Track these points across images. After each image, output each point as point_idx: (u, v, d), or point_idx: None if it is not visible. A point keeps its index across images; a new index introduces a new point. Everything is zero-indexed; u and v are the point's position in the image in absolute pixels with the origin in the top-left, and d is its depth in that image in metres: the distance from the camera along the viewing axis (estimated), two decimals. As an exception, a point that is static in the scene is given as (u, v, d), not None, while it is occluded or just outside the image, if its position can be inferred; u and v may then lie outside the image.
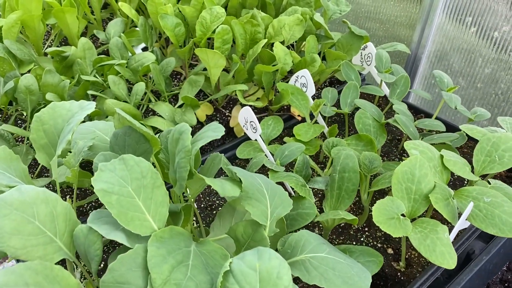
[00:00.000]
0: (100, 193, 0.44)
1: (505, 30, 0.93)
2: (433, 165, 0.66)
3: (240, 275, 0.41)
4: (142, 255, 0.44)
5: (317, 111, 0.87)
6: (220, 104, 1.03)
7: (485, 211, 0.63)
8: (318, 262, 0.53)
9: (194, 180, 0.52)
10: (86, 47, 0.97)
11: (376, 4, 1.19)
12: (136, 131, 0.57)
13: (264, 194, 0.54)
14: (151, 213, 0.47)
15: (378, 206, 0.60)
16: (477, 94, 1.04)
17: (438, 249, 0.57)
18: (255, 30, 0.98)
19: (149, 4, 1.01)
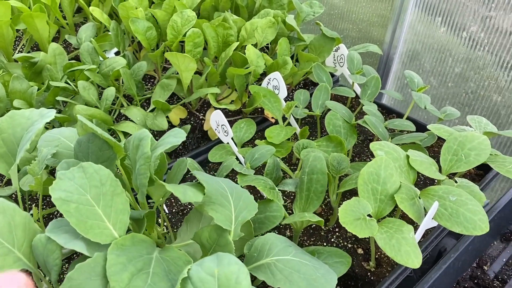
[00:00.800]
0: (57, 202, 0.44)
1: (473, 30, 0.95)
2: (398, 165, 0.66)
3: (198, 282, 0.41)
4: (102, 263, 0.44)
5: (288, 113, 0.87)
6: (194, 108, 1.03)
7: (450, 209, 0.64)
8: (283, 265, 0.53)
9: (155, 187, 0.52)
10: (56, 53, 0.96)
11: (349, 6, 1.20)
12: (99, 137, 0.56)
13: (228, 199, 0.54)
14: (111, 221, 0.47)
15: (344, 207, 0.61)
16: (448, 93, 1.05)
17: (403, 248, 0.58)
18: (227, 33, 0.98)
19: (120, 9, 1.00)
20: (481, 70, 0.97)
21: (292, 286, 0.51)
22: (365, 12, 1.18)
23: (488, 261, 0.81)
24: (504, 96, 0.94)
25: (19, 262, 0.46)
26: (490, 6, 0.90)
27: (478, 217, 0.62)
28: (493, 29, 0.91)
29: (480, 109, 1.00)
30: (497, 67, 0.93)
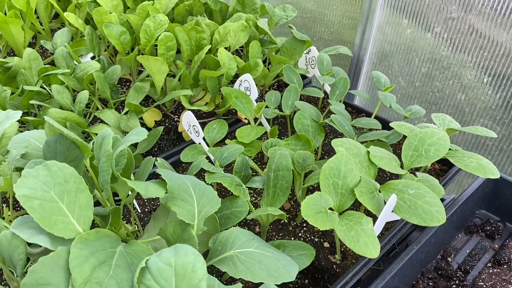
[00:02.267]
0: (22, 199, 0.46)
1: (437, 31, 0.98)
2: (359, 161, 0.69)
3: (156, 271, 0.43)
4: (65, 257, 0.45)
5: (259, 113, 0.89)
6: (168, 110, 1.05)
7: (409, 202, 0.67)
8: (245, 256, 0.56)
9: (119, 184, 0.54)
10: (32, 57, 0.98)
11: (321, 9, 1.23)
12: (66, 138, 0.58)
13: (191, 194, 0.56)
14: (75, 217, 0.49)
15: (307, 201, 0.63)
16: (415, 92, 1.09)
17: (362, 239, 0.61)
18: (200, 36, 1.00)
19: (94, 14, 1.02)
20: (445, 69, 1.00)
21: (253, 276, 0.53)
22: (336, 14, 1.21)
23: (452, 253, 0.84)
24: (467, 94, 0.98)
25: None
26: (452, 8, 0.94)
27: (435, 209, 0.65)
28: (455, 30, 0.95)
29: (446, 107, 1.04)
30: (460, 67, 0.97)
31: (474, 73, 0.95)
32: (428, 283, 0.77)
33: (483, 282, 0.73)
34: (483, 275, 0.75)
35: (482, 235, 0.88)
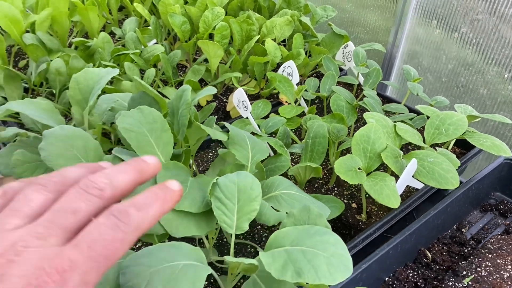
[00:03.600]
0: (122, 130, 0.60)
1: (463, 31, 1.09)
2: (386, 131, 0.81)
3: (224, 186, 0.56)
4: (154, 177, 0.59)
5: (299, 95, 1.02)
6: (219, 92, 1.19)
7: (427, 168, 0.78)
8: (288, 196, 0.68)
9: (193, 129, 0.68)
10: (105, 40, 1.14)
11: (359, 10, 1.35)
12: (148, 95, 0.73)
13: (247, 143, 0.69)
14: (159, 149, 0.62)
15: (339, 161, 0.76)
16: (442, 87, 1.19)
17: (385, 192, 0.72)
18: (250, 28, 1.14)
19: (160, 5, 1.18)
20: (470, 66, 1.11)
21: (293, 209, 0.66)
22: (372, 15, 1.33)
23: (467, 226, 0.94)
24: (489, 89, 1.08)
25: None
26: (477, 10, 1.04)
27: (450, 175, 0.76)
28: (480, 30, 1.06)
29: (469, 100, 1.14)
30: (483, 64, 1.07)
31: (495, 69, 1.05)
32: (443, 247, 0.87)
33: (491, 245, 0.83)
34: (491, 240, 0.85)
35: (496, 213, 0.97)
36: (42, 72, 0.99)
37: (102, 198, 0.34)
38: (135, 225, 0.33)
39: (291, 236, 0.53)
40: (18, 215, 0.32)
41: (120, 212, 0.32)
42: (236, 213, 0.56)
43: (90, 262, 0.30)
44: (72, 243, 0.30)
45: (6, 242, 0.29)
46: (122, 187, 0.35)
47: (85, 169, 0.37)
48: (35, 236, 0.30)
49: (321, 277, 0.47)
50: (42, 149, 0.57)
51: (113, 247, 0.31)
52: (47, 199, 0.33)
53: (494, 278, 0.75)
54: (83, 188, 0.33)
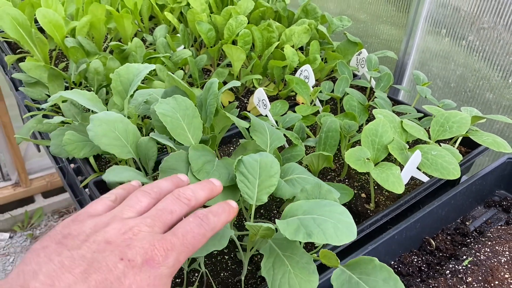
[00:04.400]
0: (159, 115, 0.69)
1: (470, 39, 1.16)
2: (393, 126, 0.88)
3: (247, 163, 0.65)
4: (185, 154, 0.67)
5: (315, 96, 1.11)
6: (240, 93, 1.29)
7: (431, 160, 0.85)
8: (302, 180, 0.76)
9: (219, 117, 0.77)
10: (138, 45, 1.25)
11: (372, 20, 1.43)
12: (180, 89, 0.82)
13: (266, 131, 0.78)
14: (190, 133, 0.71)
15: (350, 151, 0.83)
16: (451, 92, 1.26)
17: (390, 180, 0.79)
18: (270, 35, 1.24)
19: (188, 14, 1.29)
20: (476, 72, 1.17)
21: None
22: (385, 26, 1.41)
23: (471, 219, 1.00)
24: (495, 93, 1.14)
25: (129, 154, 0.71)
26: (483, 20, 1.11)
27: (452, 166, 0.83)
28: (486, 38, 1.13)
29: (476, 104, 1.20)
30: (489, 69, 1.14)
31: (501, 74, 1.12)
32: (447, 237, 0.94)
33: (491, 234, 0.89)
34: (492, 229, 0.91)
35: (499, 209, 1.03)
36: (82, 71, 1.10)
37: (189, 205, 0.49)
38: (213, 226, 0.48)
39: (304, 207, 0.61)
40: (132, 210, 0.46)
41: (203, 215, 0.47)
42: (257, 187, 0.64)
43: (183, 246, 0.44)
44: (171, 232, 0.44)
45: (126, 225, 0.43)
46: (201, 199, 0.51)
47: (172, 183, 0.54)
48: (145, 224, 0.44)
49: (328, 238, 0.55)
50: (89, 130, 0.67)
51: (197, 239, 0.45)
52: (150, 202, 0.48)
53: (492, 262, 0.81)
54: (176, 197, 0.49)
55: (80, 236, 0.41)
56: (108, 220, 0.44)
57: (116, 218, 0.44)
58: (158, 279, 0.41)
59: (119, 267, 0.39)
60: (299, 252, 0.62)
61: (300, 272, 0.59)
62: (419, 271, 0.85)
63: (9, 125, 2.44)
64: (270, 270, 0.60)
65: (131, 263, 0.39)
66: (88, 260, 0.39)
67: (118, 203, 0.49)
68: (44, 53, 1.21)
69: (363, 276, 0.62)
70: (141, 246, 0.41)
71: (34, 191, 2.72)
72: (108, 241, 0.41)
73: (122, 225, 0.43)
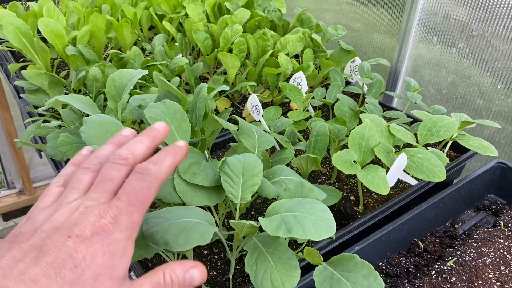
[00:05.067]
0: (149, 118, 0.71)
1: (460, 46, 1.18)
2: (380, 130, 0.91)
3: (231, 164, 0.67)
4: (173, 156, 0.70)
5: (307, 101, 1.13)
6: (236, 100, 1.32)
7: (417, 163, 0.87)
8: (288, 181, 0.78)
9: (208, 121, 0.79)
10: (136, 53, 1.28)
11: (367, 29, 1.47)
12: (172, 93, 0.85)
13: (254, 134, 0.80)
14: (179, 135, 0.74)
15: (337, 154, 0.85)
16: (442, 98, 1.28)
17: (376, 181, 0.81)
18: (265, 44, 1.27)
19: (185, 23, 1.32)
20: (467, 78, 1.20)
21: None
22: (378, 34, 1.44)
23: (460, 222, 1.01)
24: (485, 99, 1.16)
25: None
26: (472, 27, 1.14)
27: (437, 169, 0.85)
28: (475, 46, 1.15)
29: (467, 110, 1.22)
30: (478, 76, 1.16)
31: (490, 81, 1.14)
32: (436, 239, 0.95)
33: (477, 236, 0.90)
34: (478, 231, 0.92)
35: (488, 212, 1.04)
36: (81, 78, 1.14)
37: (127, 165, 0.47)
38: (155, 175, 0.46)
39: (286, 206, 0.63)
40: (76, 191, 0.46)
41: (142, 169, 0.46)
42: (241, 186, 0.67)
43: (131, 206, 0.43)
44: (115, 197, 0.44)
45: (71, 208, 0.43)
46: (141, 153, 0.49)
47: (113, 145, 0.52)
48: (90, 200, 0.44)
49: (307, 233, 0.57)
50: (82, 132, 0.70)
51: (143, 193, 0.45)
52: (92, 176, 0.48)
53: (477, 262, 0.82)
54: (112, 161, 0.47)
55: (30, 231, 0.42)
56: (56, 209, 0.44)
57: (62, 205, 0.44)
58: (114, 245, 0.41)
59: (68, 244, 0.39)
60: (282, 248, 0.64)
61: (282, 268, 0.61)
62: (407, 273, 0.87)
63: (14, 134, 2.49)
64: (253, 266, 0.62)
65: (80, 238, 0.40)
66: (38, 246, 0.39)
67: (66, 185, 0.49)
68: (46, 61, 1.25)
69: (345, 272, 0.64)
70: (88, 220, 0.41)
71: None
72: (56, 227, 0.41)
73: (68, 209, 0.43)
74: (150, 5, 1.49)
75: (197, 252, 0.83)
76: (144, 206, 0.45)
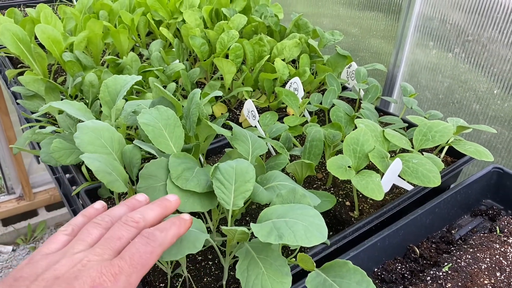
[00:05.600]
0: (142, 125, 0.72)
1: (456, 51, 1.18)
2: (375, 135, 0.90)
3: (223, 170, 0.67)
4: (166, 161, 0.70)
5: (303, 107, 1.13)
6: (232, 105, 1.32)
7: (412, 168, 0.86)
8: (282, 186, 0.78)
9: (202, 126, 0.79)
10: (133, 59, 1.29)
11: (363, 34, 1.47)
12: (167, 99, 0.85)
13: (248, 139, 0.80)
14: (172, 142, 0.74)
15: (331, 160, 0.85)
16: (439, 104, 1.28)
17: (370, 186, 0.81)
18: (262, 49, 1.27)
19: (182, 29, 1.33)
20: (463, 83, 1.19)
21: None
22: (375, 40, 1.44)
23: (456, 228, 1.01)
24: (481, 104, 1.16)
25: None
26: (468, 32, 1.14)
27: (432, 174, 0.85)
28: (471, 51, 1.15)
29: (464, 115, 1.22)
30: (474, 81, 1.16)
31: (486, 86, 1.14)
32: (432, 245, 0.95)
33: (473, 241, 0.90)
34: (474, 237, 0.92)
35: (485, 218, 1.04)
36: (78, 84, 1.14)
37: (137, 228, 0.50)
38: (160, 242, 0.49)
39: (278, 212, 0.63)
40: (83, 243, 0.48)
41: (149, 234, 0.49)
42: (233, 192, 0.66)
43: (132, 267, 0.45)
44: (119, 256, 0.46)
45: (76, 259, 0.45)
46: (151, 220, 0.52)
47: (126, 207, 0.55)
48: (94, 254, 0.46)
49: (298, 240, 0.57)
50: (76, 138, 0.70)
51: (146, 257, 0.47)
52: (101, 232, 0.50)
53: (472, 268, 0.82)
54: (124, 222, 0.50)
55: (31, 277, 0.42)
56: (59, 257, 0.45)
57: (66, 254, 0.45)
58: None
59: None
60: (273, 255, 0.64)
61: (274, 274, 0.61)
62: (402, 278, 0.86)
63: (13, 139, 2.49)
64: (245, 272, 0.62)
65: None
66: None
67: (75, 234, 0.50)
68: (43, 67, 1.26)
69: (337, 278, 0.64)
70: (88, 275, 0.42)
71: (37, 204, 2.76)
72: (57, 277, 0.42)
73: (72, 260, 0.44)
74: (148, 11, 1.50)
75: (191, 258, 0.83)
76: (144, 269, 0.47)
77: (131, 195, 0.80)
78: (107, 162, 0.67)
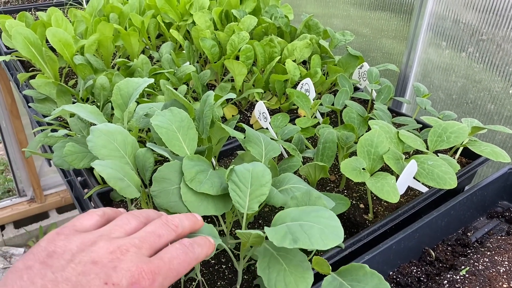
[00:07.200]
0: (155, 127, 0.71)
1: (470, 51, 1.17)
2: (389, 137, 0.89)
3: (239, 172, 0.66)
4: (179, 164, 0.69)
5: (315, 108, 1.12)
6: (243, 107, 1.31)
7: (427, 170, 0.85)
8: (296, 189, 0.77)
9: (215, 129, 0.79)
10: (144, 62, 1.29)
11: (375, 34, 1.45)
12: (179, 102, 0.85)
13: (261, 142, 0.79)
14: (185, 144, 0.73)
15: (345, 161, 0.84)
16: (452, 104, 1.26)
17: (385, 189, 0.80)
18: (272, 50, 1.27)
19: (192, 31, 1.32)
20: (477, 83, 1.18)
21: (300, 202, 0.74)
22: (387, 40, 1.43)
23: (472, 230, 0.99)
24: (496, 104, 1.14)
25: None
26: (482, 32, 1.12)
27: (448, 176, 0.83)
28: (485, 50, 1.13)
29: (478, 115, 1.20)
30: (489, 81, 1.14)
31: (501, 85, 1.12)
32: (447, 248, 0.93)
33: (490, 244, 0.88)
34: (492, 240, 0.90)
35: (502, 220, 1.02)
36: (89, 87, 1.14)
37: (176, 232, 0.50)
38: (197, 255, 0.49)
39: (292, 214, 0.62)
40: (120, 230, 0.46)
41: (189, 244, 0.49)
42: (249, 196, 0.66)
43: (169, 271, 0.44)
44: (158, 256, 0.45)
45: (114, 244, 0.43)
46: (187, 228, 0.53)
47: (157, 214, 0.54)
48: (132, 244, 0.45)
49: (314, 243, 0.56)
50: (89, 141, 0.70)
51: (183, 266, 0.46)
52: (139, 224, 0.49)
53: (490, 272, 0.80)
54: (165, 222, 0.49)
55: (66, 254, 0.41)
56: (96, 238, 0.43)
57: (103, 237, 0.44)
58: None
59: None
60: (292, 251, 0.63)
61: (295, 270, 0.60)
62: (418, 282, 0.85)
63: (25, 142, 2.51)
64: (266, 269, 0.61)
65: (115, 287, 0.39)
66: (72, 283, 0.38)
67: (105, 220, 0.49)
68: (54, 70, 1.26)
69: (354, 282, 0.63)
70: (128, 268, 0.41)
71: (48, 206, 2.78)
72: (95, 261, 0.40)
73: (110, 244, 0.42)
74: (158, 13, 1.50)
75: (204, 262, 0.82)
76: (177, 276, 0.46)
77: (144, 198, 0.80)
78: (119, 168, 0.66)
